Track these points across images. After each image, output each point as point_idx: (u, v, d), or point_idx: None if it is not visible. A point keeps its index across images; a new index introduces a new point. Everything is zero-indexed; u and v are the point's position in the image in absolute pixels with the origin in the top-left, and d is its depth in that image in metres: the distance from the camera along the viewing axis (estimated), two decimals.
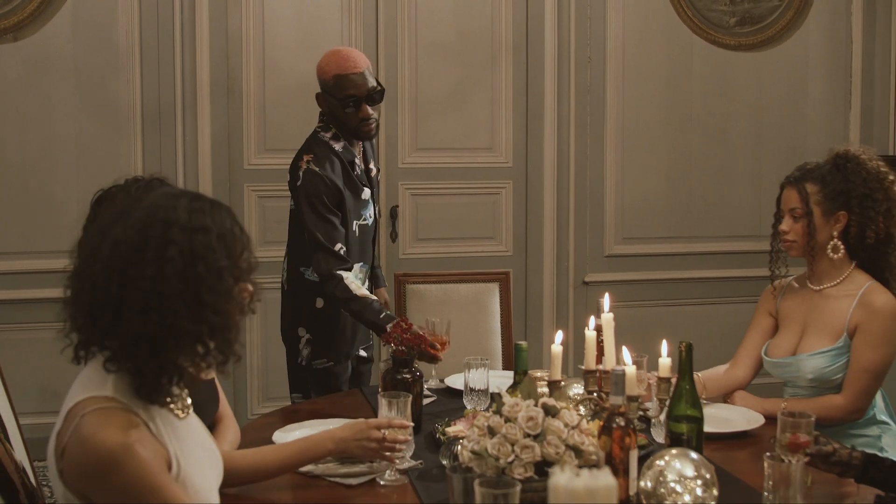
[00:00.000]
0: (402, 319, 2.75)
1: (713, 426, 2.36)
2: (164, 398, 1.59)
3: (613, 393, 1.83)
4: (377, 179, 3.28)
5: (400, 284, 3.58)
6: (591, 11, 4.81)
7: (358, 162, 3.11)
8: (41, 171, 4.34)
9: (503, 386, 2.38)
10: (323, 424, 2.43)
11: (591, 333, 2.34)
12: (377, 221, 3.25)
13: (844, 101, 5.13)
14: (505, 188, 4.85)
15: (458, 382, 2.80)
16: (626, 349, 2.19)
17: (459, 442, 2.00)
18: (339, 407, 2.71)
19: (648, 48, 4.90)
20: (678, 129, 4.98)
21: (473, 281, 3.68)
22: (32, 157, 4.33)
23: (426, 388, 2.74)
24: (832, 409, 2.50)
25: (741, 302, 4.70)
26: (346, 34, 4.55)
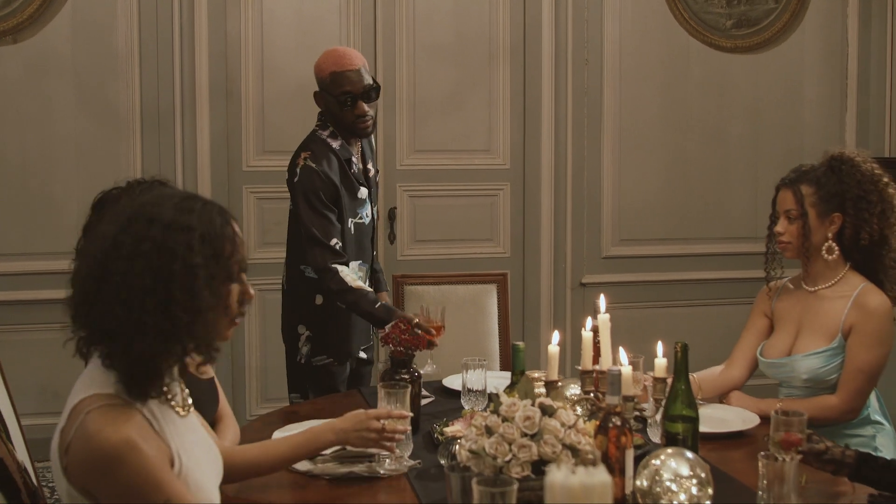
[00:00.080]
0: (401, 320, 2.77)
1: (709, 426, 2.38)
2: (144, 396, 1.58)
3: (609, 393, 1.85)
4: (375, 180, 3.30)
5: (398, 286, 3.60)
6: (588, 14, 4.83)
7: (355, 160, 3.13)
8: (41, 172, 4.36)
9: (501, 386, 2.39)
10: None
11: (587, 334, 2.36)
12: (375, 221, 3.27)
13: (840, 103, 5.16)
14: (503, 190, 4.87)
15: (455, 383, 2.82)
16: (622, 350, 2.21)
17: (457, 441, 2.01)
18: (337, 407, 2.71)
19: (645, 50, 4.92)
20: (675, 130, 5.00)
21: (471, 282, 3.70)
22: (32, 158, 4.35)
23: (427, 369, 2.75)
24: (827, 409, 2.52)
25: (738, 303, 4.72)
26: (344, 36, 4.57)
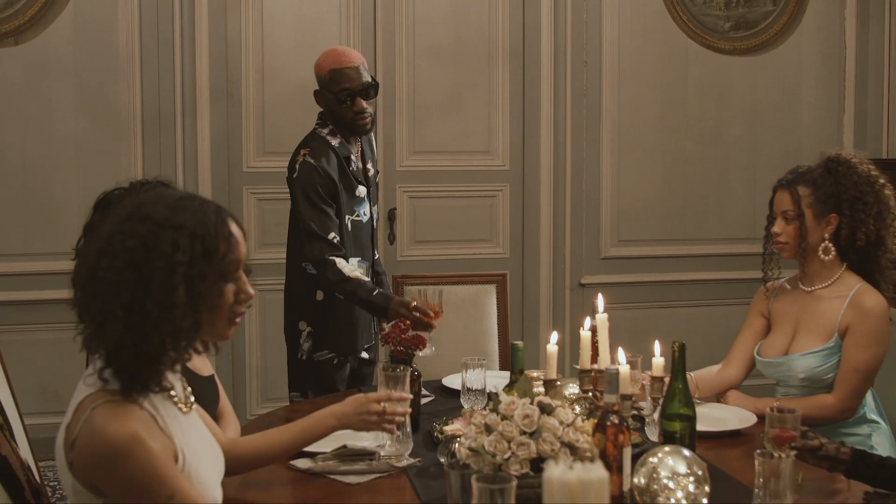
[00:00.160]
0: (401, 320, 2.79)
1: (706, 425, 2.40)
2: (144, 389, 1.59)
3: (607, 391, 1.87)
4: (375, 180, 3.32)
5: (398, 286, 3.61)
6: (587, 16, 4.85)
7: (354, 158, 3.16)
8: (41, 173, 4.37)
9: (500, 386, 2.40)
10: None
11: (586, 334, 2.37)
12: (373, 220, 3.28)
13: (838, 105, 5.18)
14: (502, 191, 4.89)
15: (455, 382, 2.83)
16: (621, 349, 2.23)
17: (457, 439, 2.03)
18: None
19: (644, 52, 4.94)
20: (673, 132, 5.02)
21: (471, 283, 3.71)
22: (33, 159, 4.36)
23: (426, 351, 2.77)
24: (823, 408, 2.54)
25: (736, 304, 4.73)
26: (344, 38, 4.58)
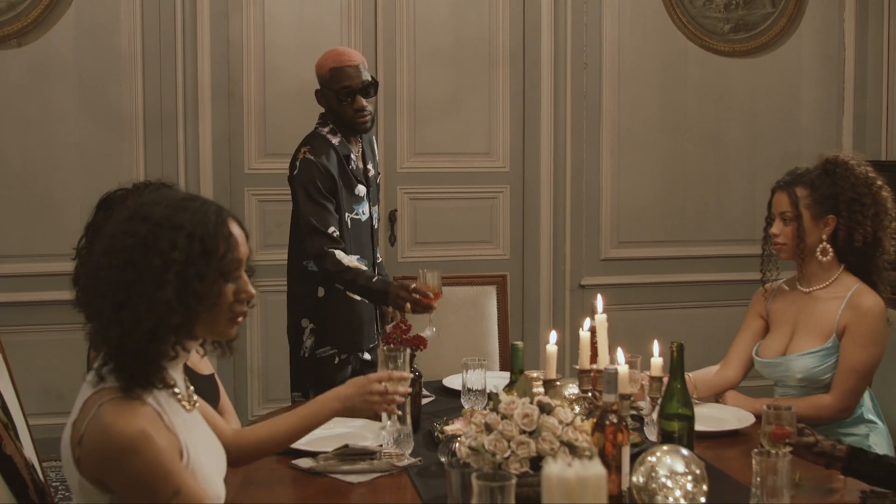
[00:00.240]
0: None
1: (705, 425, 2.41)
2: (147, 385, 1.61)
3: (606, 391, 1.89)
4: (376, 181, 3.35)
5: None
6: (587, 18, 4.87)
7: (354, 157, 3.20)
8: (43, 175, 4.39)
9: (500, 386, 2.42)
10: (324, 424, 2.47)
11: (585, 334, 2.39)
12: (372, 219, 3.31)
13: (837, 106, 5.19)
14: (502, 192, 4.90)
15: (455, 383, 2.85)
16: (620, 350, 2.25)
17: (457, 439, 2.04)
18: None
19: (644, 54, 4.96)
20: (673, 134, 5.04)
21: (471, 284, 3.73)
22: (35, 161, 4.38)
23: (427, 332, 2.79)
24: (821, 408, 2.56)
25: (736, 305, 4.74)
26: (345, 40, 4.60)
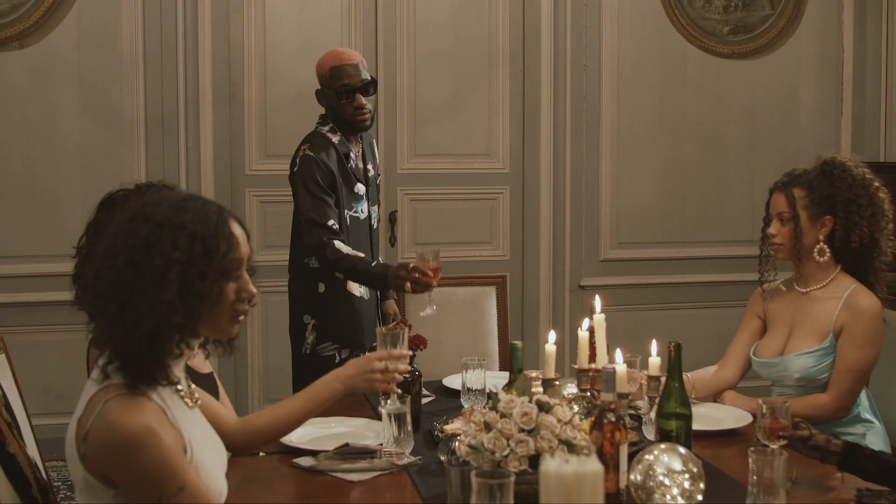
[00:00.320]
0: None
1: (703, 424, 2.43)
2: (151, 382, 1.63)
3: (604, 390, 1.90)
4: (376, 182, 3.38)
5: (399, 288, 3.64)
6: (586, 20, 4.89)
7: (353, 156, 3.23)
8: (45, 176, 4.41)
9: (500, 386, 2.44)
10: (324, 423, 2.49)
11: (583, 334, 2.41)
12: (371, 219, 3.33)
13: (836, 108, 5.21)
14: (502, 193, 4.92)
15: (455, 383, 2.87)
16: (619, 350, 2.26)
17: (457, 437, 2.06)
18: (339, 406, 2.74)
19: (643, 56, 4.98)
20: (672, 135, 5.05)
21: (471, 284, 3.75)
22: (37, 162, 4.40)
23: (427, 310, 2.80)
24: (818, 407, 2.57)
25: (735, 306, 4.74)
26: (345, 42, 4.62)
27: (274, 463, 2.26)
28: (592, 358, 2.40)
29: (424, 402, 2.71)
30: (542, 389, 2.26)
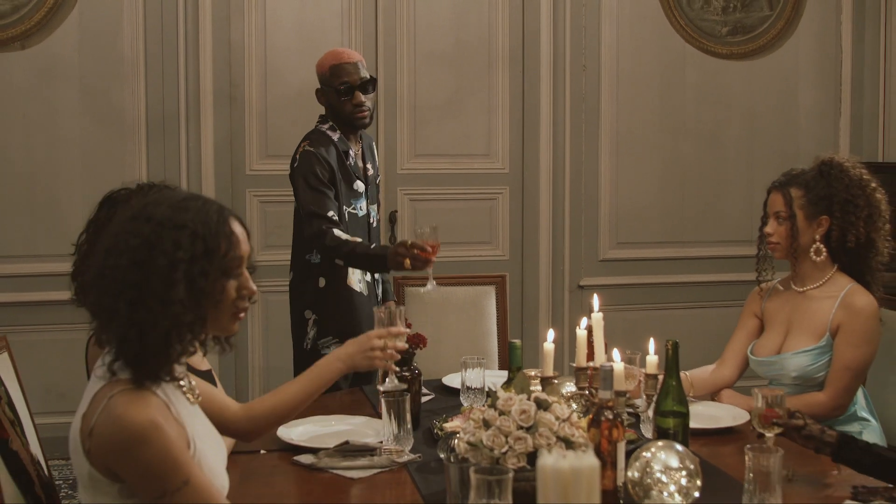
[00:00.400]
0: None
1: (700, 423, 2.44)
2: (156, 378, 1.65)
3: (602, 388, 1.92)
4: (375, 181, 3.40)
5: (399, 287, 3.66)
6: (585, 21, 4.90)
7: (353, 154, 3.27)
8: (47, 176, 4.43)
9: (499, 384, 2.45)
10: (325, 421, 2.51)
11: (582, 333, 2.42)
12: (370, 218, 3.36)
13: (835, 108, 5.22)
14: (501, 194, 4.94)
15: (455, 381, 2.88)
16: (616, 349, 2.28)
17: (456, 435, 2.08)
18: (340, 404, 2.79)
19: (642, 57, 4.99)
20: (671, 135, 5.07)
21: (471, 284, 3.76)
22: (38, 163, 4.42)
23: (428, 286, 2.82)
24: (815, 405, 2.59)
25: (733, 306, 4.73)
26: (346, 42, 4.63)
27: (274, 460, 2.27)
28: (591, 356, 2.42)
29: (424, 400, 2.73)
30: (540, 387, 2.28)
